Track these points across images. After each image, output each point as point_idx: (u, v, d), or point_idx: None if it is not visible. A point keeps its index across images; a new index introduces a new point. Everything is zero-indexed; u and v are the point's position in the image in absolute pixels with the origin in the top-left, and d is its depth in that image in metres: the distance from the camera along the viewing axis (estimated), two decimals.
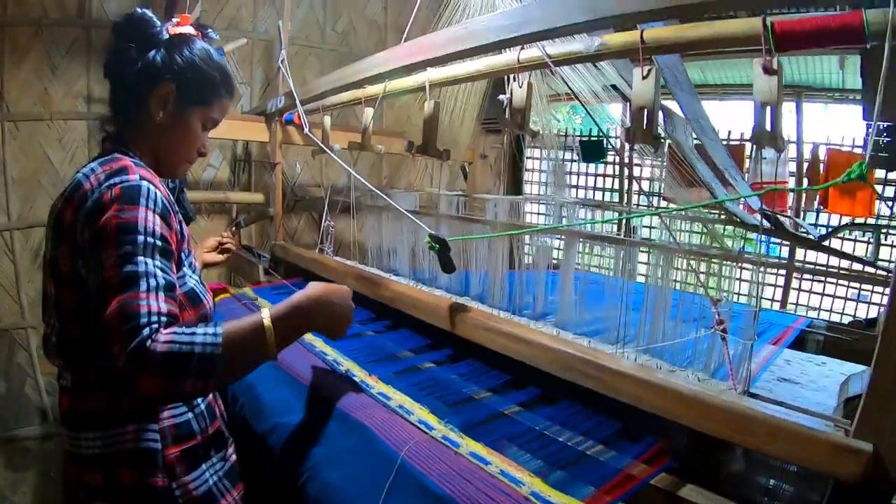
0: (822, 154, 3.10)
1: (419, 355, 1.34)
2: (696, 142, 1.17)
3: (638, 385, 0.91)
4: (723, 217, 1.18)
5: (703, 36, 0.90)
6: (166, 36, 0.93)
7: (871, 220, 2.67)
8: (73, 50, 2.20)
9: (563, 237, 1.52)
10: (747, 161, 3.28)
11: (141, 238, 0.76)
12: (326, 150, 1.83)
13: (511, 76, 1.33)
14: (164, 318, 0.70)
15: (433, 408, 1.02)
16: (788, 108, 4.03)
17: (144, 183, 0.81)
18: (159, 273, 0.75)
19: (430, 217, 1.97)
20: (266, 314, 0.79)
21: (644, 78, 1.01)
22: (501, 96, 1.29)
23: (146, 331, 0.68)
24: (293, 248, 2.15)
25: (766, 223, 1.13)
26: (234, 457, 0.99)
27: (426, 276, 1.97)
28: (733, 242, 1.17)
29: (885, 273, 0.93)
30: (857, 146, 3.03)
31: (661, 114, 1.06)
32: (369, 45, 3.05)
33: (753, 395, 0.92)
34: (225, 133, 2.20)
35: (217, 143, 2.49)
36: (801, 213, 3.18)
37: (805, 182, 3.21)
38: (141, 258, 0.74)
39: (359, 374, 1.17)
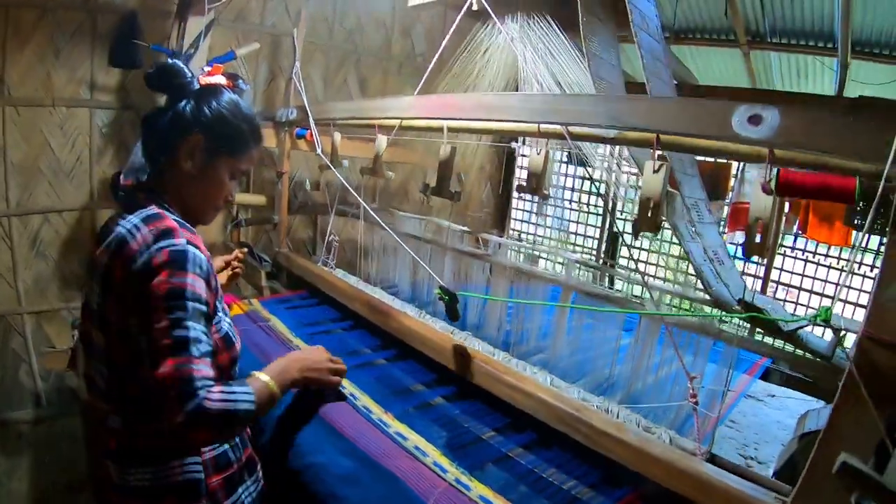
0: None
1: (430, 389, 1.52)
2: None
3: (617, 443, 1.15)
4: (707, 297, 1.39)
5: (715, 147, 1.06)
6: (197, 86, 1.02)
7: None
8: (78, 35, 2.22)
9: (561, 287, 1.73)
10: (732, 180, 3.54)
11: (190, 304, 0.86)
12: (338, 175, 1.94)
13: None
14: (211, 383, 0.84)
15: (445, 450, 1.22)
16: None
17: (191, 248, 0.91)
18: (204, 338, 0.87)
19: (434, 246, 2.14)
20: (266, 378, 1.01)
21: (655, 172, 1.18)
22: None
23: (202, 393, 0.81)
24: (298, 260, 2.27)
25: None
26: (262, 479, 1.16)
27: (425, 297, 2.16)
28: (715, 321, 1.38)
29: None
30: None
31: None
32: (375, 44, 3.12)
33: (714, 458, 1.15)
34: None
35: None
36: (781, 236, 3.46)
37: (787, 207, 3.47)
38: (190, 323, 0.85)
39: (376, 411, 1.35)
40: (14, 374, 2.28)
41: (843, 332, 1.03)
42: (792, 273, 3.33)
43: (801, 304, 3.30)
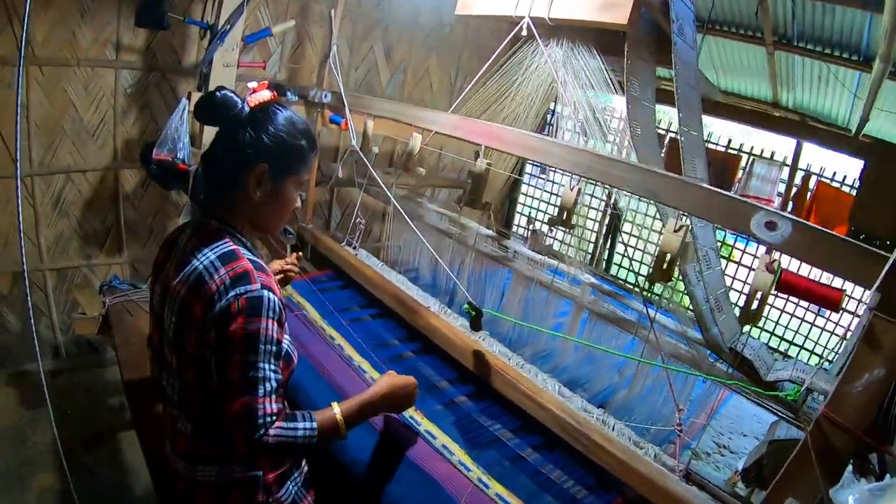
0: (811, 183, 3.61)
1: (454, 387, 1.80)
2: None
3: (609, 456, 1.44)
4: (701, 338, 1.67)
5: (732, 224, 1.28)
6: (248, 111, 1.06)
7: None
8: None
9: (573, 302, 1.99)
10: (740, 172, 3.78)
11: (262, 347, 0.98)
12: (370, 168, 2.12)
13: None
14: (274, 417, 0.99)
15: (468, 448, 1.51)
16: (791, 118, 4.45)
17: (265, 293, 0.99)
18: (273, 376, 0.99)
19: (461, 245, 2.36)
20: (338, 412, 1.11)
21: (675, 231, 1.43)
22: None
23: (262, 430, 0.97)
24: (324, 239, 2.45)
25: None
26: (306, 466, 1.34)
27: (444, 285, 2.40)
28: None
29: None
30: (847, 184, 3.58)
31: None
32: (403, 13, 3.18)
33: (689, 475, 1.47)
34: None
35: None
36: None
37: (790, 206, 3.75)
38: (261, 364, 0.98)
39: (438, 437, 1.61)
40: (34, 327, 2.49)
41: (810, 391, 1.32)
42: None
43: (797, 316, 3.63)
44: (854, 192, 3.43)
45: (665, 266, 1.48)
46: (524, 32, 1.80)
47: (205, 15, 2.21)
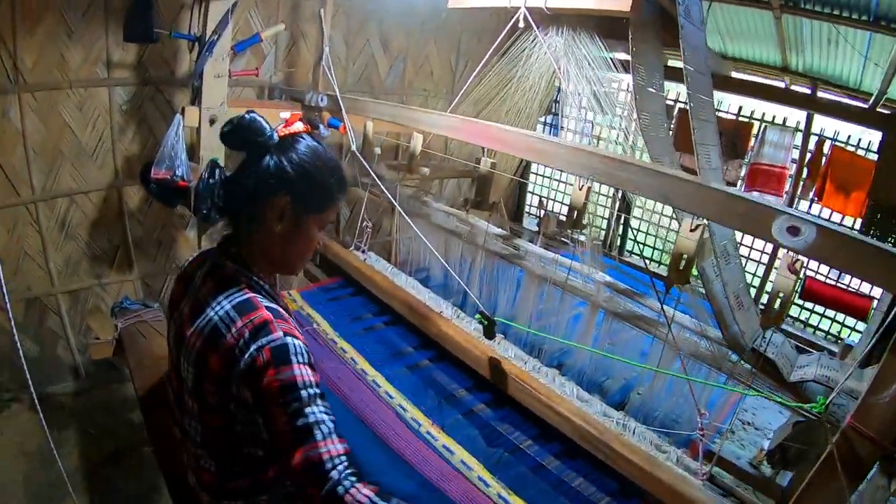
0: (826, 148, 3.51)
1: (472, 395, 1.80)
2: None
3: (631, 465, 1.43)
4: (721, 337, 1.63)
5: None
6: (276, 139, 1.03)
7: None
8: (90, 12, 2.26)
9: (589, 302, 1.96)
10: (752, 140, 3.69)
11: (303, 393, 0.93)
12: (372, 173, 2.09)
13: None
14: (343, 458, 0.91)
15: (488, 462, 1.51)
16: (804, 92, 4.34)
17: (289, 339, 0.96)
18: (326, 418, 0.93)
19: (470, 245, 2.32)
20: None
21: (692, 230, 1.38)
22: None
23: (334, 474, 0.88)
24: (333, 246, 2.42)
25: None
26: None
27: (456, 286, 2.37)
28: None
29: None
30: (862, 147, 3.47)
31: None
32: (398, 5, 3.11)
33: (713, 479, 1.45)
34: None
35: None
36: (796, 201, 3.69)
37: (805, 173, 3.66)
38: (308, 409, 0.92)
39: (424, 423, 1.63)
40: (52, 350, 2.55)
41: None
42: None
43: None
44: (868, 156, 3.34)
45: (681, 267, 1.44)
46: (521, 24, 1.74)
47: (191, 27, 2.16)
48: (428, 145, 2.11)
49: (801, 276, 1.10)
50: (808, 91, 3.70)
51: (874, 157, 3.30)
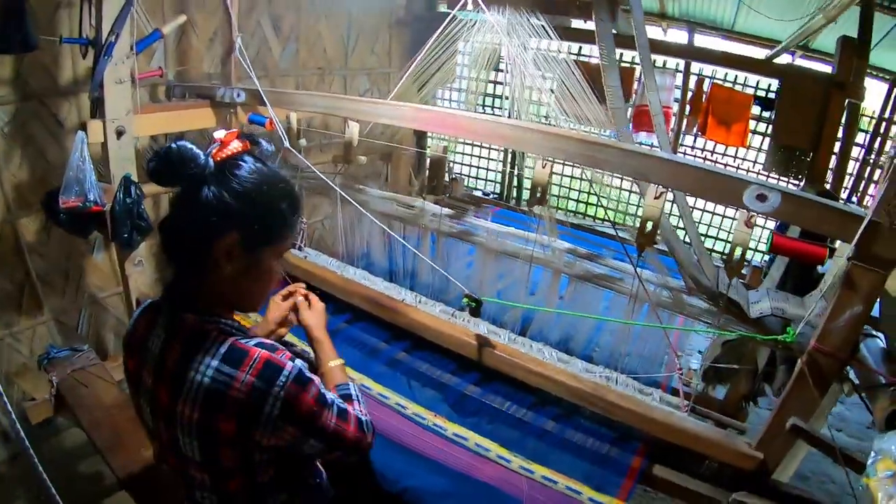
0: (705, 86, 3.90)
1: (460, 377, 1.89)
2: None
3: (626, 412, 1.62)
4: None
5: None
6: (213, 166, 0.92)
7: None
8: None
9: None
10: (635, 84, 4.01)
11: (326, 393, 1.04)
12: (310, 164, 2.03)
13: None
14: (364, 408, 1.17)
15: (501, 440, 1.63)
16: (681, 36, 4.76)
17: (297, 362, 0.98)
18: (336, 399, 1.08)
19: (414, 226, 2.34)
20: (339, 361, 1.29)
21: (656, 198, 1.54)
22: None
23: (369, 419, 1.14)
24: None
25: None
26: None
27: (399, 273, 2.41)
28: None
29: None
30: (739, 83, 3.90)
31: None
32: None
33: (695, 409, 1.69)
34: (165, 127, 2.20)
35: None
36: (681, 137, 4.09)
37: (687, 110, 4.05)
38: (331, 396, 1.06)
39: (428, 416, 1.72)
40: None
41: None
42: None
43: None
44: (746, 90, 3.79)
45: (648, 231, 1.60)
46: (469, 6, 1.76)
47: (82, 28, 1.91)
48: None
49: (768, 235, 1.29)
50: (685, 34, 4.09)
51: (751, 90, 3.76)
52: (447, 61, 2.09)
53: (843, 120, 2.98)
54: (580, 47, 3.91)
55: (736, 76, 3.94)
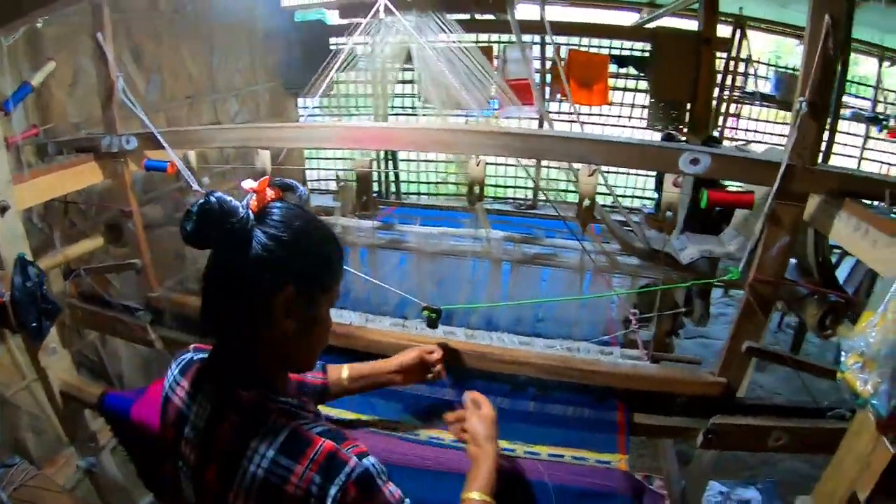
0: (563, 53, 4.23)
1: (431, 386, 1.86)
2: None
3: (599, 374, 1.77)
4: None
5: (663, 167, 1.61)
6: (251, 217, 0.88)
7: None
8: None
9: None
10: (495, 61, 4.24)
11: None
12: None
13: None
14: None
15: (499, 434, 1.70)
16: (534, 10, 5.06)
17: (365, 462, 0.88)
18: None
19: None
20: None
21: (590, 176, 1.69)
22: None
23: None
24: (190, 301, 2.16)
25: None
26: None
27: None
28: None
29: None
30: (594, 46, 4.27)
31: None
32: (141, 7, 2.70)
33: (658, 360, 1.88)
34: (50, 192, 1.94)
35: None
36: (546, 104, 4.41)
37: (548, 79, 4.36)
38: None
39: (421, 431, 1.74)
40: None
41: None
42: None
43: None
44: (601, 52, 4.19)
45: (586, 207, 1.75)
46: (382, 14, 1.77)
47: None
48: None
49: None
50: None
51: (606, 51, 4.18)
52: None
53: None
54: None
55: (590, 42, 4.32)
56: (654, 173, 3.59)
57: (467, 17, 3.30)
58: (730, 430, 1.62)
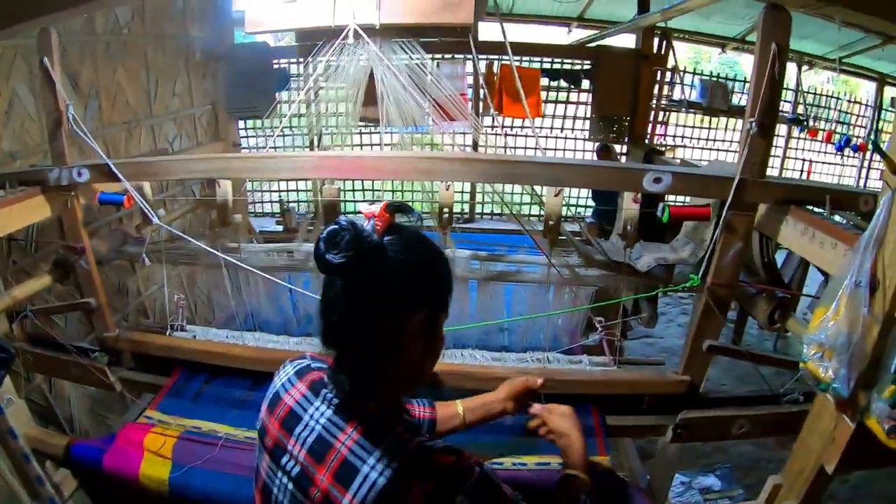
0: (495, 68, 4.37)
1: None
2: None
3: (574, 383, 1.87)
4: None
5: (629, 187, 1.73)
6: (377, 241, 0.86)
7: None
8: None
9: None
10: (428, 77, 4.33)
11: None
12: (183, 235, 1.89)
13: None
14: None
15: (485, 449, 1.75)
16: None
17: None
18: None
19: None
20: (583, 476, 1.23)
21: (555, 196, 1.79)
22: None
23: None
24: (152, 339, 2.08)
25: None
26: None
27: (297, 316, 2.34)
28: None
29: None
30: (526, 60, 4.43)
31: None
32: (76, 29, 2.57)
33: (624, 362, 2.00)
34: None
35: None
36: (480, 118, 4.55)
37: (482, 93, 4.49)
38: None
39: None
40: None
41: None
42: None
43: None
44: (532, 66, 4.39)
45: (552, 225, 1.84)
46: (350, 40, 1.79)
47: None
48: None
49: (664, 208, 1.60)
50: None
51: (537, 65, 4.38)
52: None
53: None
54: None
55: (521, 58, 4.47)
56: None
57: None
58: (697, 423, 1.76)
